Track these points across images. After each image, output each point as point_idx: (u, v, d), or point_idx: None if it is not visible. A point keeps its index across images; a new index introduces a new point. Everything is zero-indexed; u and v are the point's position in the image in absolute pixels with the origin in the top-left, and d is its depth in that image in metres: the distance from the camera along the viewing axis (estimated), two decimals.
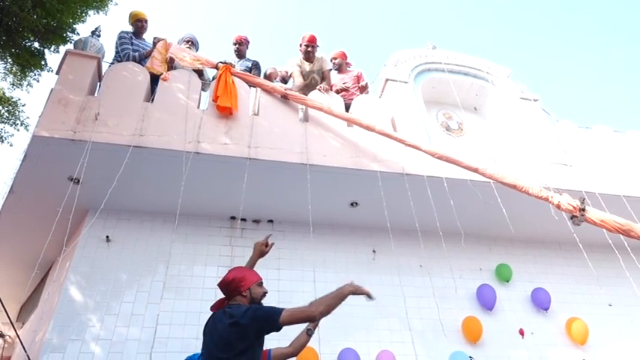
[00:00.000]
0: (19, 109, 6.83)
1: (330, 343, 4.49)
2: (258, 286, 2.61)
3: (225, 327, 2.33)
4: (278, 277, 4.91)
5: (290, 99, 4.90)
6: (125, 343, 4.18)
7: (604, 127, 6.40)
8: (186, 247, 4.91)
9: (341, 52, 6.10)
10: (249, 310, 2.35)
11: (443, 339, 4.89)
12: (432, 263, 5.46)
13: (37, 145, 3.99)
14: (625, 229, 3.25)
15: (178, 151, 4.19)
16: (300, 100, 4.88)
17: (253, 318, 2.31)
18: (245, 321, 2.30)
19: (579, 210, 3.42)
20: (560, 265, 6.11)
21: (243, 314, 2.33)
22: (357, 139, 4.82)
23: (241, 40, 5.83)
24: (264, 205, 5.10)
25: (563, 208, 3.53)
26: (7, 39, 4.98)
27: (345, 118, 4.78)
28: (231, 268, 2.77)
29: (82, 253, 4.57)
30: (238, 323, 2.30)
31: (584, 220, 3.40)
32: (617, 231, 3.28)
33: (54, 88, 4.27)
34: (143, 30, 5.38)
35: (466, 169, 4.20)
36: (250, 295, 2.55)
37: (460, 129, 6.00)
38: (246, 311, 2.35)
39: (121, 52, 5.06)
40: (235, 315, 2.34)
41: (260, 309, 2.41)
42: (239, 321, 2.31)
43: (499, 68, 6.53)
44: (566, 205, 3.51)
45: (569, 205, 3.49)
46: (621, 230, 3.26)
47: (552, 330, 5.44)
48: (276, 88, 5.00)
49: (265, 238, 3.01)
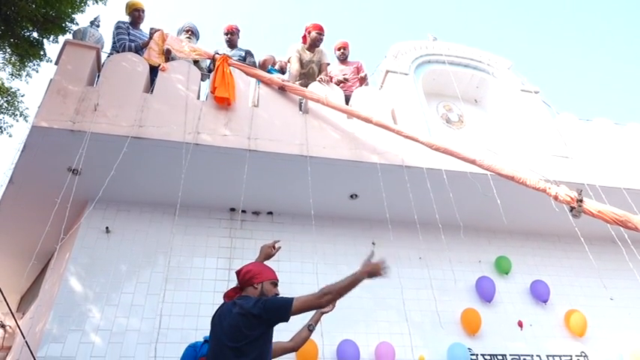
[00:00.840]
0: (18, 100, 6.81)
1: (330, 334, 4.51)
2: (271, 285, 2.61)
3: (235, 316, 2.33)
4: (277, 269, 4.79)
5: (288, 90, 4.88)
6: (125, 333, 4.20)
7: (604, 119, 6.39)
8: (186, 238, 4.92)
9: (346, 43, 6.08)
10: (260, 302, 2.36)
11: (441, 331, 4.91)
12: (431, 255, 5.47)
13: (37, 136, 3.98)
14: (622, 220, 3.24)
15: (178, 142, 4.18)
16: (299, 91, 4.86)
17: (264, 308, 2.31)
18: (256, 311, 2.30)
19: (577, 201, 3.41)
20: (559, 257, 6.12)
21: (253, 305, 2.33)
22: (357, 131, 4.80)
23: (232, 29, 5.82)
24: (263, 197, 5.10)
25: (560, 200, 3.53)
26: (6, 29, 4.94)
27: (344, 109, 4.77)
28: (230, 259, 2.78)
29: (81, 244, 4.58)
30: (249, 313, 2.30)
31: (581, 211, 3.40)
32: (615, 222, 3.27)
33: (53, 78, 4.25)
34: (140, 20, 5.35)
35: (464, 160, 4.19)
36: (261, 289, 2.55)
37: (460, 121, 5.99)
38: (257, 302, 2.35)
39: (117, 42, 5.03)
40: (245, 306, 2.34)
41: (270, 300, 2.42)
42: (250, 311, 2.31)
43: (500, 60, 6.50)
44: (563, 196, 3.50)
45: (566, 197, 3.48)
46: (618, 221, 3.25)
47: (551, 322, 5.47)
48: (274, 79, 4.98)
49: (273, 242, 3.08)
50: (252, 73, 5.01)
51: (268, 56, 5.96)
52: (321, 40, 5.64)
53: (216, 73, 4.65)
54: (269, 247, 3.07)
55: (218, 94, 4.51)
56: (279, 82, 4.92)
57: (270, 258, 3.07)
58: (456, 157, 4.23)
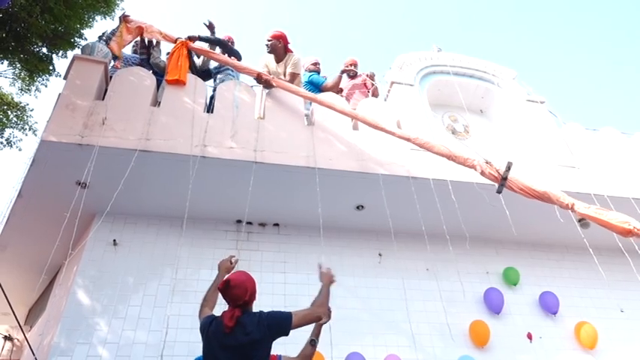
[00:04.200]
0: (28, 114, 6.91)
1: (337, 347, 4.47)
2: None
3: (245, 346, 2.37)
4: (284, 281, 4.91)
5: (268, 82, 4.86)
6: (132, 346, 4.19)
7: (611, 129, 6.35)
8: (193, 250, 4.93)
9: (355, 60, 6.18)
10: (262, 320, 2.41)
11: (450, 343, 4.86)
12: (438, 267, 5.43)
13: (45, 150, 4.02)
14: (542, 195, 3.41)
15: (185, 155, 4.21)
16: (282, 85, 4.85)
17: (267, 327, 2.37)
18: (260, 335, 2.37)
19: (501, 179, 3.49)
20: (569, 268, 6.06)
21: (256, 327, 2.39)
22: (363, 142, 4.81)
23: (229, 40, 5.88)
24: (270, 209, 5.10)
25: (487, 176, 3.62)
26: (16, 45, 5.03)
27: (327, 104, 4.70)
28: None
29: (89, 257, 4.60)
30: (255, 340, 2.37)
31: (504, 187, 3.51)
32: (535, 197, 3.44)
33: (62, 93, 4.31)
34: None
35: (400, 138, 4.26)
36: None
37: (466, 131, 5.98)
38: (259, 322, 2.41)
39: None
40: (250, 331, 2.38)
41: (271, 316, 2.44)
42: (255, 337, 2.37)
43: (505, 70, 6.51)
44: (488, 174, 3.60)
45: (490, 176, 3.58)
46: (538, 196, 3.42)
47: (561, 334, 5.39)
48: (250, 68, 5.00)
49: (229, 257, 3.20)
50: (218, 58, 5.19)
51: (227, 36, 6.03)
52: (274, 47, 5.45)
53: (171, 57, 4.82)
54: (226, 261, 3.14)
55: (168, 77, 4.68)
56: (252, 71, 4.93)
57: (230, 272, 3.04)
58: (392, 135, 4.29)
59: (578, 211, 3.30)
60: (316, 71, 6.01)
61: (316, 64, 6.08)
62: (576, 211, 3.31)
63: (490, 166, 3.60)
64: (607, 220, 3.21)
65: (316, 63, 6.10)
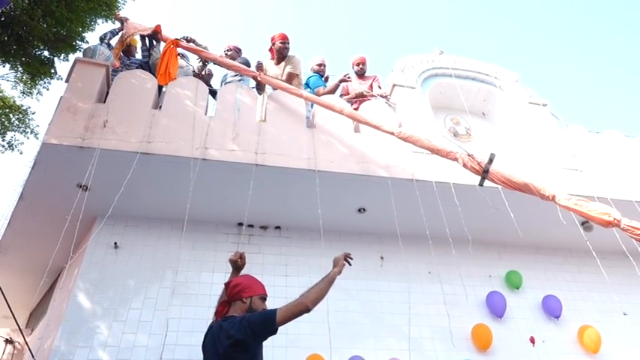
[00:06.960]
0: (29, 117, 6.92)
1: (339, 350, 4.45)
2: (260, 300, 2.58)
3: (227, 348, 2.31)
4: (285, 284, 4.89)
5: (263, 82, 4.92)
6: (133, 349, 4.17)
7: (614, 131, 6.32)
8: (194, 253, 4.91)
9: (364, 58, 6.13)
10: (243, 321, 2.32)
11: (452, 347, 4.83)
12: (440, 270, 5.40)
13: (47, 153, 4.02)
14: (521, 184, 3.44)
15: (186, 158, 4.20)
16: (275, 84, 4.84)
17: (249, 327, 2.29)
18: (241, 336, 2.28)
19: (483, 172, 3.49)
20: (572, 271, 6.02)
21: (237, 329, 2.30)
22: (365, 145, 4.80)
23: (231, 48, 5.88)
24: (271, 212, 5.09)
25: (469, 168, 3.63)
26: (18, 48, 5.03)
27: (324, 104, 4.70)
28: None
29: (90, 260, 4.59)
30: (237, 341, 2.28)
31: (486, 178, 3.52)
32: (516, 188, 3.47)
33: (63, 96, 4.31)
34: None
35: (385, 132, 4.26)
36: (250, 304, 2.53)
37: (468, 134, 5.97)
38: (240, 323, 2.32)
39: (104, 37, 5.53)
40: (232, 334, 2.30)
41: (253, 315, 2.37)
42: (236, 338, 2.28)
43: (507, 73, 6.49)
44: (469, 167, 3.61)
45: (472, 168, 3.59)
46: (518, 187, 3.45)
47: (564, 338, 5.35)
48: (241, 67, 5.01)
49: (236, 253, 3.06)
50: (210, 57, 5.23)
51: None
52: (287, 49, 5.51)
53: (163, 58, 4.87)
54: (234, 260, 3.03)
55: (159, 81, 4.75)
56: (250, 72, 4.96)
57: (240, 269, 3.01)
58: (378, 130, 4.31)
59: (559, 203, 3.31)
60: (320, 72, 5.98)
61: (321, 65, 6.03)
62: (557, 202, 3.32)
63: (472, 159, 3.59)
64: (587, 211, 3.21)
65: (321, 64, 6.03)
